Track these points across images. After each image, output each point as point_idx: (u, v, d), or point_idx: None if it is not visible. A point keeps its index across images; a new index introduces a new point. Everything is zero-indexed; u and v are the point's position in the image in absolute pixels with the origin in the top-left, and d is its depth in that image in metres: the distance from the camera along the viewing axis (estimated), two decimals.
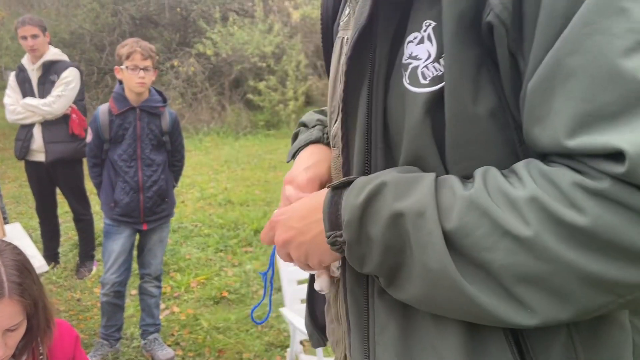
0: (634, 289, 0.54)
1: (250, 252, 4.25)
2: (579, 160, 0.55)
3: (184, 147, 2.89)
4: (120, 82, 2.63)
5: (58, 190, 3.82)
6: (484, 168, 0.62)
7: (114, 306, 2.77)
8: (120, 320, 2.83)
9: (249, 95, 9.33)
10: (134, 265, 2.93)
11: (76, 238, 4.06)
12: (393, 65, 0.69)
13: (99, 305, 2.86)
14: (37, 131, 3.56)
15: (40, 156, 3.60)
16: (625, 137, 0.50)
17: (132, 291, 3.43)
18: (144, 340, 2.88)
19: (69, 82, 3.55)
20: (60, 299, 3.49)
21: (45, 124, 3.55)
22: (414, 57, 0.67)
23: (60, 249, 4.06)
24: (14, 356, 1.31)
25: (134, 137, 2.62)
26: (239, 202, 5.48)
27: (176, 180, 2.90)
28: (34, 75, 3.59)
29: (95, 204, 4.19)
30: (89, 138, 2.67)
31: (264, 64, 9.06)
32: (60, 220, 4.07)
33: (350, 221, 0.66)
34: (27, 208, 5.23)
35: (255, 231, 4.60)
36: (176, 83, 9.39)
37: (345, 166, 0.77)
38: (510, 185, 0.58)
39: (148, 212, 2.68)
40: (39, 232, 4.02)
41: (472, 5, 0.61)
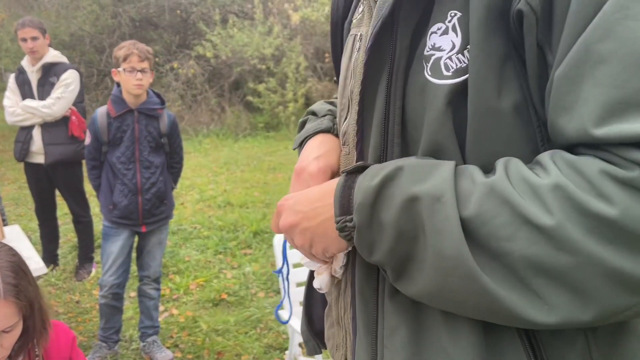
0: None
1: (250, 254, 4.25)
2: (607, 150, 0.52)
3: (183, 149, 2.89)
4: (118, 85, 2.64)
5: (57, 192, 3.82)
6: (505, 158, 0.60)
7: (112, 308, 2.77)
8: (118, 322, 2.83)
9: (249, 97, 9.34)
10: (133, 267, 2.93)
11: (75, 240, 4.05)
12: (413, 57, 0.68)
13: (98, 307, 2.86)
14: (37, 133, 3.56)
15: (39, 158, 3.60)
16: None
17: (131, 293, 3.43)
18: (143, 342, 2.88)
19: (68, 84, 3.55)
20: (59, 301, 3.49)
21: (45, 126, 3.55)
22: (436, 49, 0.65)
23: (59, 251, 4.06)
24: (9, 358, 1.31)
25: (132, 140, 2.62)
26: (239, 204, 5.47)
27: (175, 182, 2.90)
28: (33, 77, 3.59)
29: (95, 206, 4.20)
30: (88, 141, 2.68)
31: (263, 66, 9.07)
32: (59, 222, 4.07)
33: (362, 204, 0.64)
34: (27, 210, 5.23)
35: (254, 233, 4.59)
36: (176, 85, 9.40)
37: (359, 162, 0.74)
38: (534, 174, 0.56)
39: (147, 214, 2.68)
40: (38, 234, 4.02)
41: None
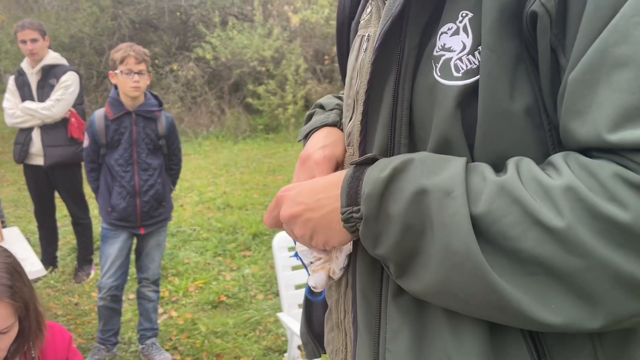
0: None
1: (249, 257, 4.25)
2: (620, 155, 0.52)
3: (181, 151, 2.89)
4: (116, 87, 2.64)
5: (57, 194, 3.82)
6: (517, 157, 0.59)
7: (110, 310, 2.76)
8: (117, 324, 2.83)
9: (248, 99, 9.34)
10: (132, 269, 2.93)
11: (74, 242, 4.05)
12: (422, 57, 0.67)
13: (97, 309, 2.85)
14: (36, 135, 3.57)
15: (39, 160, 3.60)
16: None
17: (130, 295, 3.42)
18: (142, 344, 2.87)
19: (68, 86, 3.55)
20: (58, 303, 3.48)
21: (44, 128, 3.55)
22: (446, 49, 0.64)
23: (58, 253, 4.05)
24: (5, 359, 1.30)
25: (130, 142, 2.62)
26: (238, 206, 5.47)
27: (173, 183, 2.89)
28: (33, 79, 3.59)
29: (94, 208, 4.19)
30: (86, 143, 2.68)
31: (263, 68, 9.08)
32: (58, 224, 4.07)
33: (370, 194, 0.62)
34: (26, 212, 5.23)
35: (253, 235, 4.59)
36: (175, 87, 9.40)
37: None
38: (546, 174, 0.55)
39: (145, 216, 2.68)
40: (37, 236, 4.03)
41: None
